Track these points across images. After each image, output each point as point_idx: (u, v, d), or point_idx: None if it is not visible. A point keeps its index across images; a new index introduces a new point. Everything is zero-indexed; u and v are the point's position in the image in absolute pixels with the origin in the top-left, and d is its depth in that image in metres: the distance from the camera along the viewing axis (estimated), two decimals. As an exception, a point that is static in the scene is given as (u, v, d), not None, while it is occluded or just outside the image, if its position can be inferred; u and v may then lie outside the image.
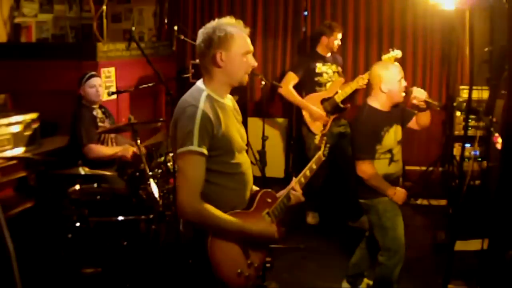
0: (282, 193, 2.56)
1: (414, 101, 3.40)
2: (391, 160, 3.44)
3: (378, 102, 3.42)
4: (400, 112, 3.51)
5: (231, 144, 2.26)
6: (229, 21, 2.27)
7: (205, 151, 2.16)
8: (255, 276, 2.39)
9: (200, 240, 2.21)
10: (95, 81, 4.16)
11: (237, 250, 2.30)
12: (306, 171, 2.70)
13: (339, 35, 5.08)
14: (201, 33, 2.26)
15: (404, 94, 3.41)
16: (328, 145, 2.87)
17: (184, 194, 2.16)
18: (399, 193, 3.40)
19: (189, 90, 2.33)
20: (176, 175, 2.21)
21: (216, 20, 2.28)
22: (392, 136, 3.42)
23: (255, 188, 2.53)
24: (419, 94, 3.36)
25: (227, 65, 2.25)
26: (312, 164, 2.75)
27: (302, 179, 2.66)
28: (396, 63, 3.57)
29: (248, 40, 2.29)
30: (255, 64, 2.32)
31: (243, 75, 2.30)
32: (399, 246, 3.42)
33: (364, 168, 3.36)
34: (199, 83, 2.31)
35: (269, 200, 2.48)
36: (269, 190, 2.53)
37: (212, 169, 2.22)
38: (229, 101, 2.39)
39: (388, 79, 3.35)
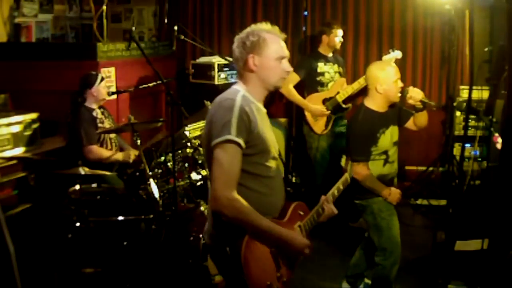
0: (314, 209, 2.50)
1: (411, 101, 3.38)
2: (386, 161, 3.43)
3: (374, 103, 3.41)
4: (397, 112, 3.50)
5: (266, 144, 2.23)
6: (264, 26, 2.27)
7: (242, 142, 2.11)
8: None
9: (234, 243, 2.16)
10: (105, 82, 4.24)
11: (269, 260, 2.24)
12: (334, 191, 2.64)
13: (339, 32, 5.07)
14: (236, 38, 2.28)
15: (400, 94, 3.40)
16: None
17: (220, 184, 2.09)
18: (393, 194, 3.40)
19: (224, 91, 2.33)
20: (213, 167, 2.12)
21: (252, 25, 2.29)
22: (388, 137, 3.41)
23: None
24: (415, 94, 3.35)
25: (260, 70, 2.25)
26: (340, 185, 2.69)
27: (331, 198, 2.60)
28: (393, 64, 3.55)
29: (283, 45, 2.28)
30: (290, 69, 2.30)
31: (277, 80, 2.29)
32: (395, 246, 3.42)
33: (358, 170, 3.34)
34: (235, 86, 2.32)
35: (302, 213, 2.44)
36: (302, 202, 2.49)
37: (245, 170, 2.17)
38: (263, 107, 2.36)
39: (384, 79, 3.34)
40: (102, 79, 4.23)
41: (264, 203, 2.26)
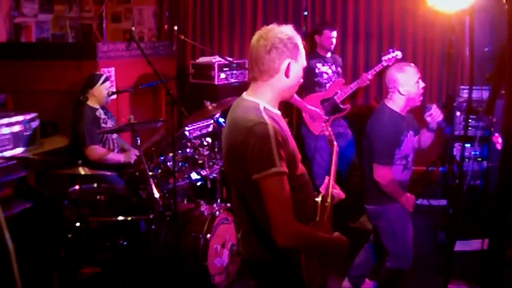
0: (325, 193, 2.46)
1: (428, 119, 3.34)
2: (405, 167, 3.36)
3: (396, 105, 3.33)
4: (412, 120, 3.45)
5: (296, 155, 2.17)
6: (293, 30, 2.16)
7: (286, 169, 2.02)
8: None
9: (289, 262, 2.13)
10: (109, 83, 4.23)
11: (319, 266, 2.25)
12: (333, 167, 2.67)
13: (333, 33, 5.07)
14: (267, 36, 2.10)
15: (421, 98, 3.35)
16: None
17: (283, 221, 1.99)
18: (411, 200, 3.35)
19: (239, 106, 2.16)
20: (266, 201, 1.99)
21: (284, 27, 2.14)
22: (410, 141, 3.36)
23: None
24: (436, 114, 3.31)
25: (292, 76, 2.16)
26: (334, 157, 2.76)
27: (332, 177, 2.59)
28: (412, 64, 3.50)
29: None
30: (301, 81, 2.25)
31: (295, 90, 2.24)
32: (408, 252, 3.38)
33: (384, 173, 3.26)
34: (249, 96, 2.17)
35: (326, 204, 2.39)
36: (322, 193, 2.42)
37: (291, 185, 2.07)
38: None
39: (405, 81, 3.27)
40: (106, 79, 4.23)
41: (308, 209, 2.24)
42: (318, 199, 2.30)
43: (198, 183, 3.94)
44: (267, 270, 2.21)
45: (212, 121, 4.30)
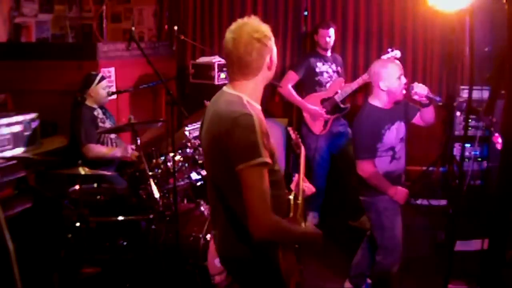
0: (295, 191, 2.51)
1: (416, 97, 3.40)
2: (393, 157, 3.43)
3: (378, 100, 3.42)
4: (403, 108, 3.50)
5: (274, 150, 2.18)
6: (260, 22, 2.17)
7: (270, 160, 2.03)
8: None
9: (266, 257, 2.15)
10: (106, 82, 4.22)
11: (294, 258, 2.29)
12: (302, 167, 2.72)
13: (329, 31, 5.06)
14: (243, 37, 2.10)
15: (405, 91, 3.41)
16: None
17: (261, 211, 2.00)
18: (400, 193, 3.39)
19: (221, 99, 2.19)
20: (246, 192, 2.00)
21: (250, 21, 2.15)
22: (394, 133, 3.41)
23: None
24: (421, 90, 3.36)
25: (273, 67, 2.21)
26: (303, 158, 2.82)
27: (302, 174, 2.65)
28: (396, 61, 3.56)
29: None
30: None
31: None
32: (396, 245, 3.42)
33: (365, 167, 3.36)
34: (231, 90, 2.18)
35: (298, 201, 2.43)
36: (293, 191, 2.47)
37: (269, 180, 2.09)
38: None
39: (387, 76, 3.35)
40: (102, 79, 4.23)
41: (283, 205, 2.26)
42: (291, 196, 2.36)
43: (198, 183, 3.94)
44: (245, 267, 2.22)
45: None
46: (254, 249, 2.15)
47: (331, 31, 5.08)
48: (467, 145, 4.84)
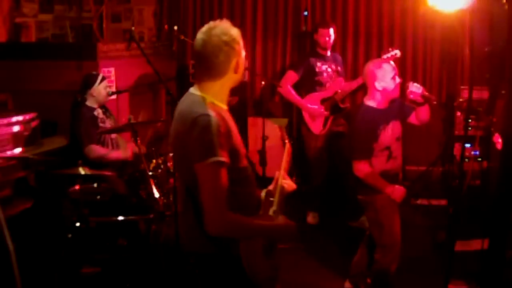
0: (273, 188, 2.54)
1: (411, 96, 3.41)
2: (389, 156, 3.44)
3: (373, 100, 3.44)
4: (399, 107, 3.52)
5: (240, 147, 2.24)
6: (231, 26, 2.24)
7: (227, 158, 2.11)
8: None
9: (230, 253, 2.18)
10: (107, 82, 4.23)
11: (261, 254, 2.29)
12: (284, 165, 2.69)
13: (329, 31, 5.05)
14: (212, 40, 2.17)
15: (399, 91, 3.42)
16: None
17: (214, 209, 2.08)
18: (397, 191, 3.40)
19: (186, 99, 2.28)
20: (201, 189, 2.10)
21: (222, 24, 2.22)
22: (389, 133, 3.43)
23: None
24: (416, 89, 3.38)
25: (240, 71, 2.26)
26: (286, 157, 2.75)
27: (283, 171, 2.65)
28: (391, 61, 3.57)
29: None
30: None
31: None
32: (395, 243, 3.43)
33: (360, 167, 3.38)
34: (196, 91, 2.26)
35: (271, 199, 2.47)
36: (269, 189, 2.51)
37: (230, 178, 2.16)
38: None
39: (381, 76, 3.38)
40: (103, 79, 4.22)
41: (250, 203, 2.31)
42: (262, 193, 2.39)
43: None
44: (211, 264, 2.26)
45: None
46: (217, 245, 2.20)
47: (331, 31, 5.07)
48: (467, 145, 4.84)
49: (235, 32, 2.23)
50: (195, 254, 2.30)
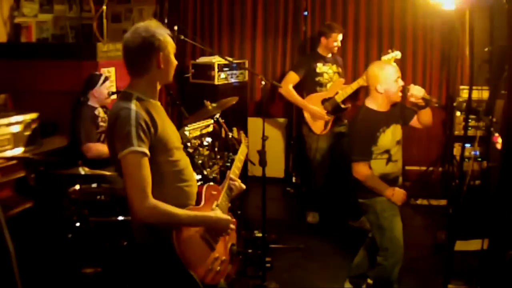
0: (223, 185, 2.66)
1: (412, 99, 3.39)
2: (389, 160, 3.42)
3: (375, 102, 3.42)
4: (400, 111, 3.50)
5: (170, 140, 2.32)
6: (157, 24, 2.32)
7: (146, 150, 2.18)
8: (227, 272, 2.52)
9: (165, 243, 2.24)
10: (109, 83, 4.23)
11: (201, 244, 2.36)
12: (237, 164, 2.83)
13: (339, 37, 5.07)
14: (134, 37, 2.26)
15: (401, 94, 3.41)
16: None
17: (136, 197, 2.15)
18: (397, 194, 3.38)
19: (118, 98, 2.38)
20: (124, 179, 2.19)
21: (146, 22, 2.30)
22: (389, 136, 3.41)
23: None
24: (416, 92, 3.35)
25: (165, 66, 2.32)
26: (240, 156, 2.92)
27: (236, 171, 2.78)
28: (393, 63, 3.56)
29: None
30: (176, 62, 2.39)
31: (172, 74, 2.41)
32: (397, 246, 3.41)
33: (359, 170, 3.36)
34: (127, 89, 2.35)
35: (215, 193, 2.56)
36: (212, 183, 2.61)
37: (158, 170, 2.25)
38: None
39: (384, 79, 3.34)
40: (106, 79, 4.22)
41: (182, 195, 2.36)
42: (204, 186, 2.50)
43: (199, 183, 3.93)
44: (148, 254, 2.34)
45: (212, 121, 4.30)
46: (152, 234, 2.27)
47: (341, 36, 5.10)
48: (467, 145, 4.84)
49: (158, 30, 2.29)
50: (139, 246, 2.38)
